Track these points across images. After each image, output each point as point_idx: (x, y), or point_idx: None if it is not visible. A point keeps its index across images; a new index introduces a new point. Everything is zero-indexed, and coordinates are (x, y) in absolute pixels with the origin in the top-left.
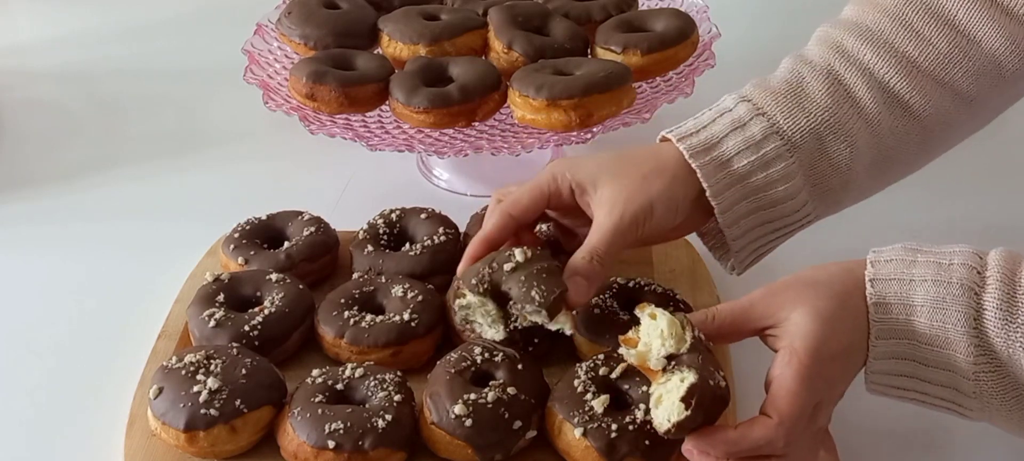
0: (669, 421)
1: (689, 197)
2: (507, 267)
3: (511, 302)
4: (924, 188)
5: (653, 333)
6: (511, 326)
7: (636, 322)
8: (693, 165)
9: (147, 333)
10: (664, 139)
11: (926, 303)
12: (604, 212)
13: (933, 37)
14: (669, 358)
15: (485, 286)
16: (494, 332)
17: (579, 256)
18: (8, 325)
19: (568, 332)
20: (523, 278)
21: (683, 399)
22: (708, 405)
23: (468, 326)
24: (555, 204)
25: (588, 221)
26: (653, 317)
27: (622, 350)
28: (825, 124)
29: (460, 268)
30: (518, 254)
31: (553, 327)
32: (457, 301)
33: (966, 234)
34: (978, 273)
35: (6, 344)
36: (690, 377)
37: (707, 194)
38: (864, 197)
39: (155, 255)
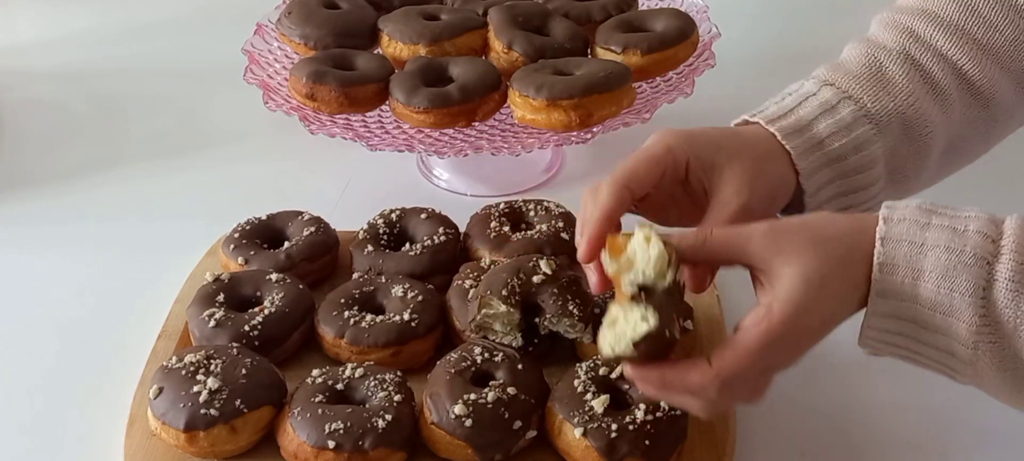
0: (612, 349)
1: (792, 179)
2: (536, 279)
3: (545, 315)
4: (924, 190)
5: (640, 256)
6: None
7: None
8: (788, 146)
9: (147, 333)
10: (745, 123)
11: (935, 270)
12: (731, 190)
13: (999, 22)
14: (641, 288)
15: (517, 298)
16: (511, 339)
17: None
18: (8, 325)
19: (587, 341)
20: (555, 291)
21: (635, 342)
22: (654, 352)
23: (481, 332)
24: (669, 177)
25: (688, 203)
26: (648, 240)
27: (603, 254)
28: (910, 108)
29: (580, 252)
30: (544, 266)
31: (576, 335)
32: (483, 309)
33: None
34: (993, 242)
35: (6, 344)
36: (652, 321)
37: (800, 176)
38: (923, 187)
39: (155, 255)
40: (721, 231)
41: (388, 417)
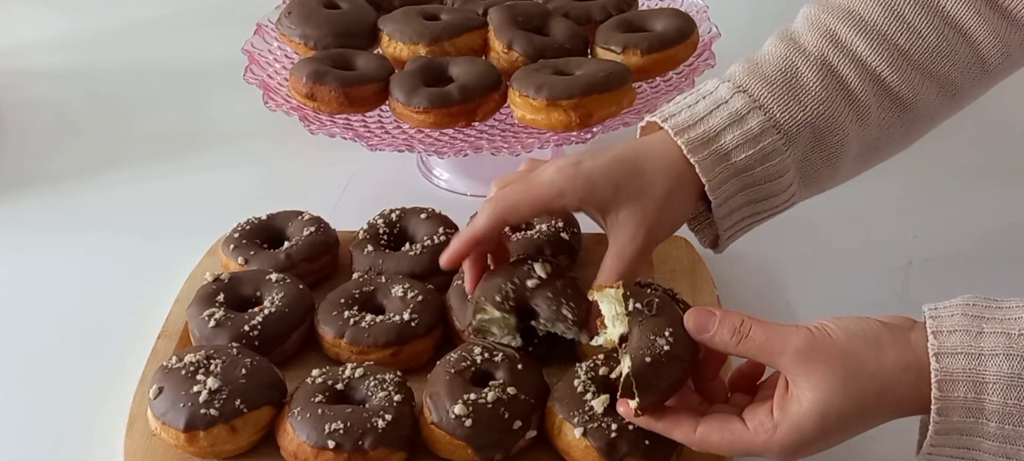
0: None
1: (696, 198)
2: (531, 284)
3: (540, 319)
4: (925, 190)
5: (609, 314)
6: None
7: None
8: (692, 160)
9: (147, 333)
10: (654, 125)
11: (999, 381)
12: (627, 237)
13: (924, 29)
14: (622, 338)
15: (511, 303)
16: (510, 340)
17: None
18: (8, 325)
19: (585, 341)
20: (550, 295)
21: (623, 394)
22: (654, 382)
23: (479, 335)
24: (556, 213)
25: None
26: (600, 290)
27: (597, 338)
28: (820, 118)
29: (443, 260)
30: (539, 269)
31: (572, 336)
32: (478, 315)
33: (967, 235)
34: None
35: (6, 344)
36: (625, 366)
37: (706, 189)
38: (840, 184)
39: (155, 255)
40: (759, 334)
41: (388, 417)
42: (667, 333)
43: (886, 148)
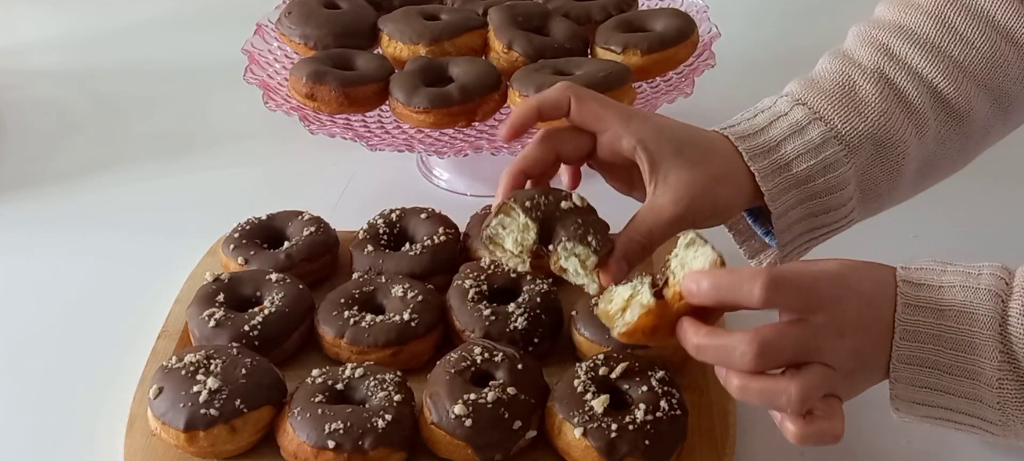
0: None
1: (745, 201)
2: (564, 205)
3: (559, 240)
4: (925, 191)
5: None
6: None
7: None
8: (753, 168)
9: (147, 333)
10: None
11: (954, 306)
12: (669, 198)
13: (975, 39)
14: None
15: (538, 212)
16: (517, 262)
17: (634, 238)
18: (8, 325)
19: (592, 292)
20: (579, 221)
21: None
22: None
23: (490, 244)
24: (602, 150)
25: (618, 167)
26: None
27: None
28: (881, 129)
29: (500, 194)
30: (575, 198)
31: (584, 279)
32: (500, 215)
33: (967, 235)
34: (1005, 283)
35: (6, 344)
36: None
37: (766, 198)
38: (897, 203)
39: (155, 254)
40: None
41: (388, 417)
42: None
43: (942, 164)
